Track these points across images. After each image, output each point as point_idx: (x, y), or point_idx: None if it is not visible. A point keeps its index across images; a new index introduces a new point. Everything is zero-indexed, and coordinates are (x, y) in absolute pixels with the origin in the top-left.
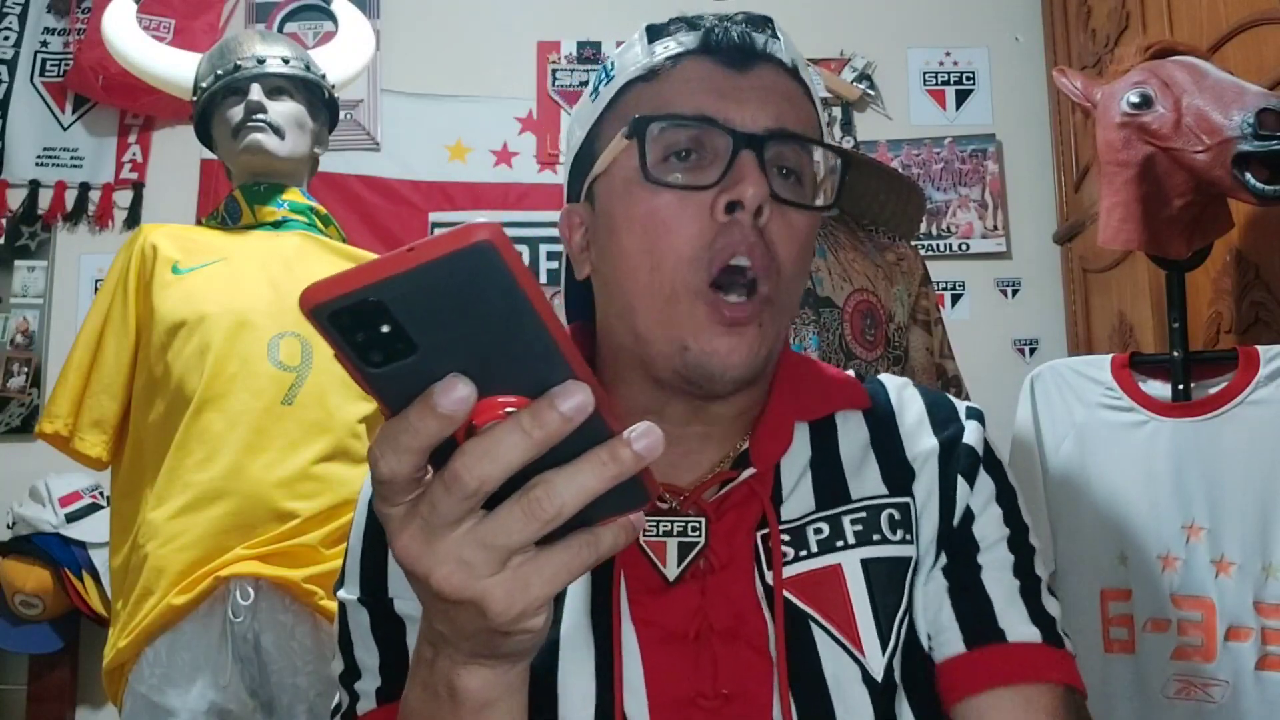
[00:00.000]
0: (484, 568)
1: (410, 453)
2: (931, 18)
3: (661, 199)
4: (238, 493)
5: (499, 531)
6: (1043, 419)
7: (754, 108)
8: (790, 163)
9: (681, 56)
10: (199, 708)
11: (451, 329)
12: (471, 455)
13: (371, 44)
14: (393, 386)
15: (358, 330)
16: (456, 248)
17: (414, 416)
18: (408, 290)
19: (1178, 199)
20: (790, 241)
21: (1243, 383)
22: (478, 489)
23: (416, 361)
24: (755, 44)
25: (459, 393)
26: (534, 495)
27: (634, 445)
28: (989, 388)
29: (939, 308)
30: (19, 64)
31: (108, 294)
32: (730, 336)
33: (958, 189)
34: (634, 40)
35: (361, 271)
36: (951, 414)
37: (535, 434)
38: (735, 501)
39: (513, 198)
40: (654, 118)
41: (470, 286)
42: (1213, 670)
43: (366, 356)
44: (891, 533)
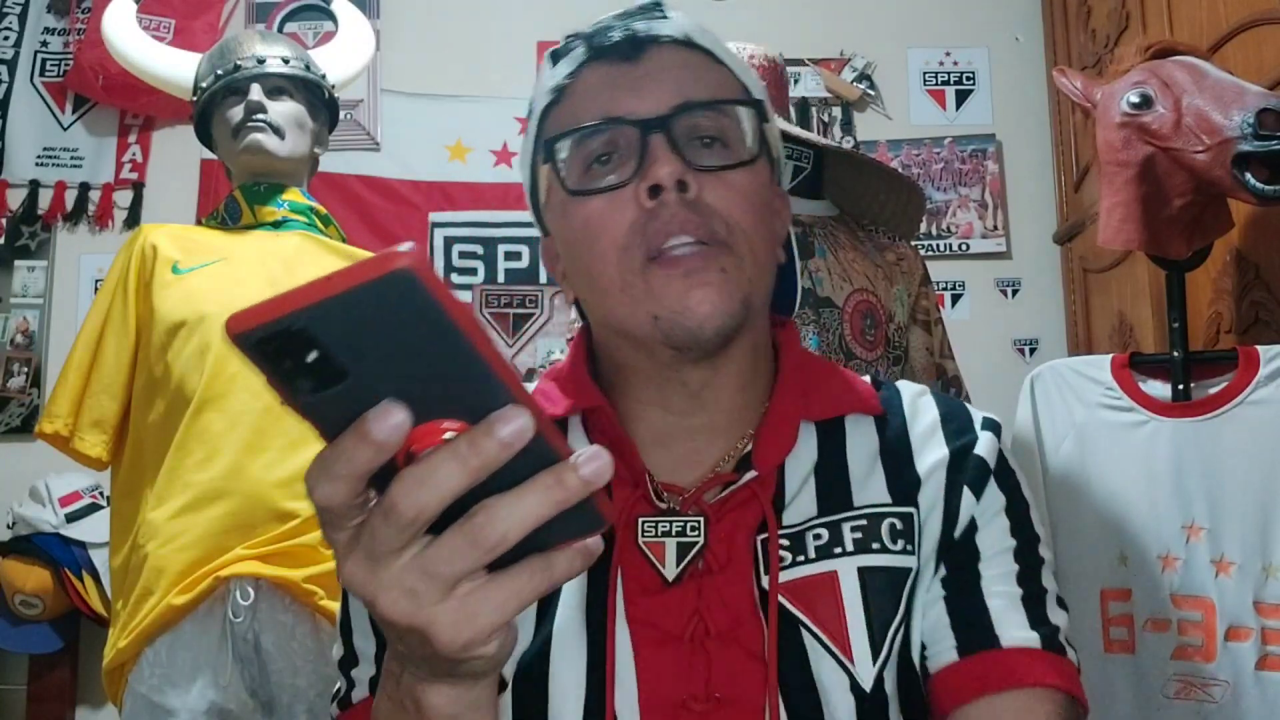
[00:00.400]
0: (429, 596)
1: (344, 480)
2: (931, 18)
3: (591, 206)
4: (238, 493)
5: (441, 560)
6: (1043, 419)
7: (653, 91)
8: (708, 130)
9: (579, 69)
10: (199, 708)
11: (381, 355)
12: (408, 484)
13: (371, 44)
14: (326, 413)
15: (284, 358)
16: (373, 276)
17: (347, 444)
18: (330, 318)
19: (1178, 199)
20: (732, 200)
21: (1243, 383)
22: (415, 518)
23: (348, 388)
24: (639, 32)
25: (392, 419)
26: (476, 522)
27: (581, 470)
28: (989, 388)
29: (939, 308)
30: (19, 64)
31: (108, 294)
32: (693, 289)
33: (958, 189)
34: (543, 68)
35: (283, 299)
36: (966, 424)
37: (472, 462)
38: (736, 503)
39: (513, 198)
40: (559, 135)
41: (394, 314)
42: (1213, 670)
43: (295, 384)
44: (892, 542)
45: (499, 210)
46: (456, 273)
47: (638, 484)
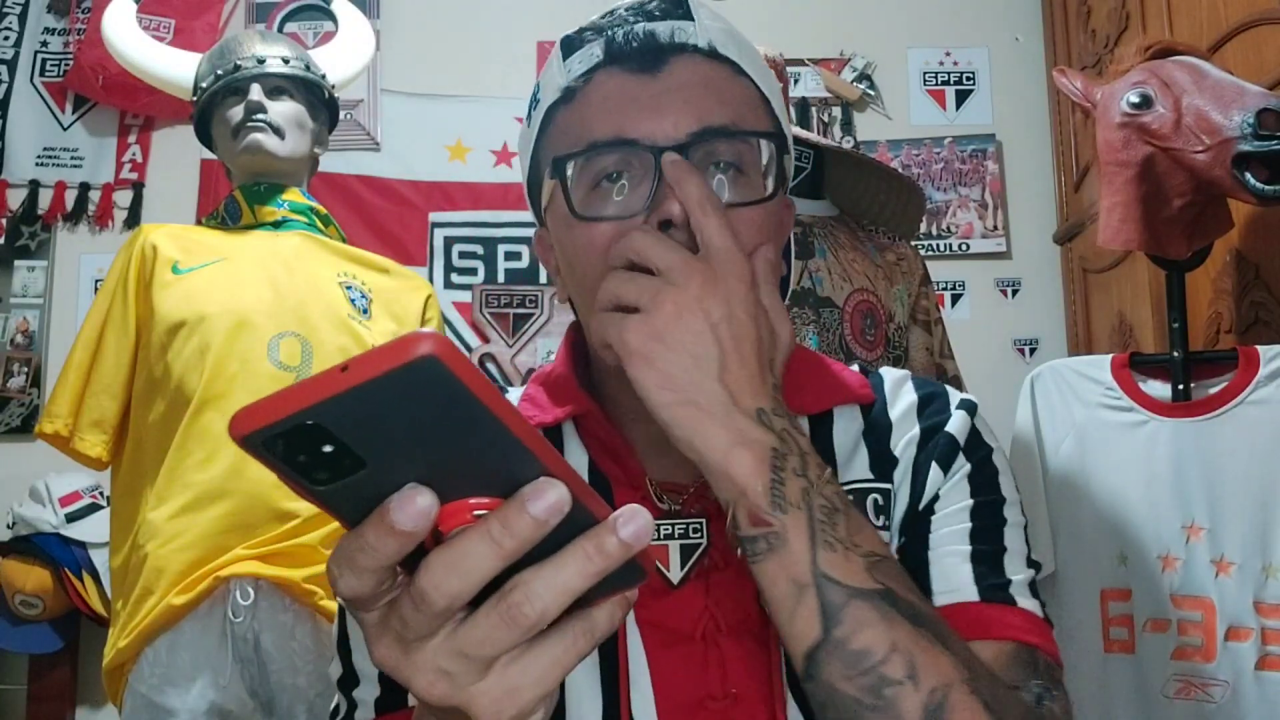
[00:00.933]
0: (465, 677)
1: (370, 573)
2: (931, 18)
3: (597, 230)
4: (238, 493)
5: (476, 641)
6: (1043, 419)
7: (672, 113)
8: (726, 156)
9: (592, 71)
10: (199, 708)
11: (402, 441)
12: (437, 571)
13: (371, 44)
14: (346, 501)
15: (298, 453)
16: (395, 365)
17: (370, 536)
18: (346, 410)
19: (1178, 199)
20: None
21: (1243, 383)
22: (447, 607)
23: (368, 475)
24: (661, 39)
25: (418, 505)
26: (512, 601)
27: (620, 533)
28: (989, 388)
29: (939, 308)
30: (19, 64)
31: (108, 294)
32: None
33: (958, 189)
34: (553, 57)
35: (293, 395)
36: (942, 404)
37: (506, 543)
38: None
39: (513, 198)
40: (570, 155)
41: (416, 400)
42: (1213, 670)
43: (311, 476)
44: (875, 518)
45: (499, 210)
46: (456, 273)
47: (636, 486)
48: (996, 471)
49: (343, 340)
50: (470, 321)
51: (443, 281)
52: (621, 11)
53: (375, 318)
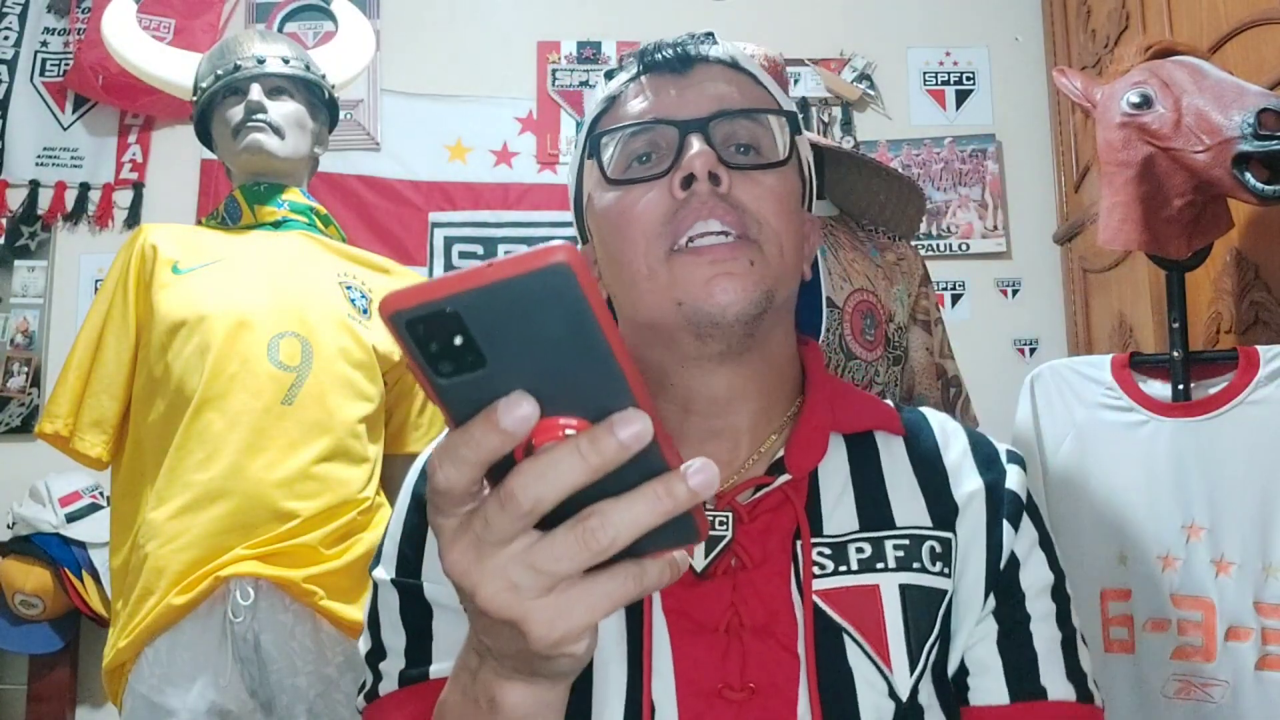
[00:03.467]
0: (530, 590)
1: (469, 465)
2: (931, 18)
3: (626, 196)
4: (238, 493)
5: (550, 557)
6: (1043, 419)
7: (696, 99)
8: (744, 138)
9: (630, 82)
10: (199, 708)
11: (521, 347)
12: (527, 475)
13: (371, 44)
14: (459, 397)
15: (432, 340)
16: (533, 267)
17: (476, 430)
18: (483, 304)
19: (1178, 199)
20: (763, 198)
21: (1243, 383)
22: (532, 509)
23: (484, 375)
24: (690, 51)
25: (522, 410)
26: (589, 525)
27: (689, 480)
28: (989, 388)
29: (939, 308)
30: (19, 64)
31: (108, 294)
32: (718, 278)
33: (958, 189)
34: (597, 87)
35: (441, 283)
36: (994, 455)
37: (592, 459)
38: (769, 506)
39: (513, 198)
40: (605, 131)
41: (543, 306)
42: (1213, 670)
43: (437, 366)
44: (931, 564)
45: (499, 210)
46: None
47: None
48: (1053, 541)
49: (343, 340)
50: None
51: None
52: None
53: (375, 318)
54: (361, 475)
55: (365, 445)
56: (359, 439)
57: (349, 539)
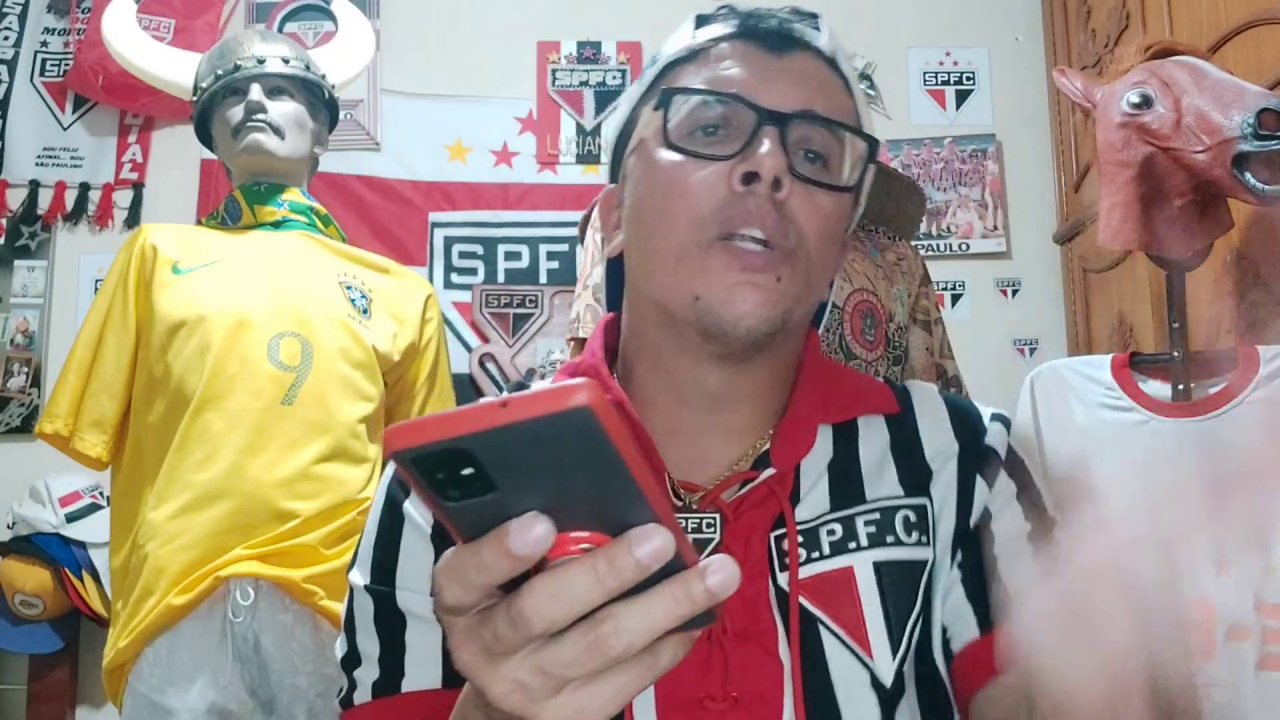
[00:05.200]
0: (540, 692)
1: (477, 589)
2: (931, 18)
3: (680, 165)
4: (238, 493)
5: (561, 662)
6: (1043, 419)
7: (784, 88)
8: (817, 146)
9: (721, 40)
10: (199, 708)
11: (535, 474)
12: (540, 596)
13: (371, 44)
14: (467, 518)
15: (439, 470)
16: (554, 410)
17: (486, 554)
18: (496, 442)
19: (1178, 199)
20: (813, 216)
21: (1243, 383)
22: (543, 630)
23: (495, 498)
24: (794, 31)
25: (535, 533)
26: (602, 632)
27: (708, 581)
28: (989, 388)
29: (939, 308)
30: (19, 64)
31: (108, 294)
32: (743, 286)
33: (958, 189)
34: (682, 28)
35: (452, 420)
36: (976, 418)
37: (609, 582)
38: (753, 502)
39: (513, 198)
40: (681, 90)
41: (562, 443)
42: (1213, 670)
43: (444, 492)
44: (906, 534)
45: (499, 210)
46: (456, 273)
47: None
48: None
49: (343, 340)
50: (470, 321)
51: (443, 281)
52: (759, 8)
53: (375, 318)
54: (361, 475)
55: (365, 445)
56: (359, 439)
57: (349, 539)
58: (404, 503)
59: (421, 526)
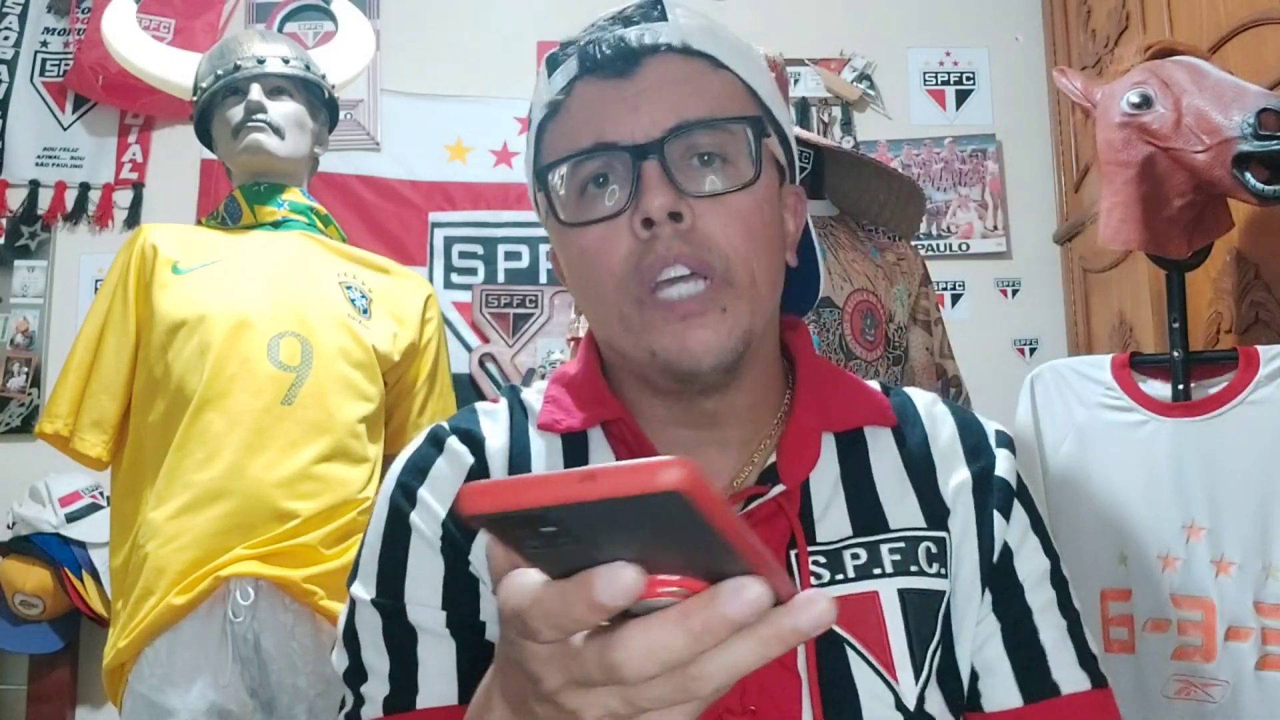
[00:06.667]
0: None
1: (570, 633)
2: (931, 18)
3: (587, 235)
4: (238, 493)
5: (650, 699)
6: (1043, 419)
7: (648, 112)
8: (707, 147)
9: (573, 83)
10: (199, 708)
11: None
12: (635, 653)
13: (371, 44)
14: (550, 560)
15: (518, 528)
16: (645, 490)
17: (577, 608)
18: (579, 513)
19: (1178, 199)
20: (730, 226)
21: (1243, 383)
22: (635, 681)
23: (579, 548)
24: (632, 43)
25: (623, 582)
26: (692, 675)
27: (798, 620)
28: (989, 388)
29: (939, 308)
30: (19, 64)
31: (108, 294)
32: (691, 330)
33: (958, 189)
34: (540, 75)
35: (532, 489)
36: (982, 441)
37: (705, 639)
38: (762, 517)
39: (513, 198)
40: (550, 165)
41: (652, 516)
42: (1213, 670)
43: (524, 544)
44: (928, 565)
45: (499, 210)
46: (456, 273)
47: None
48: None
49: (343, 340)
50: (470, 321)
51: (443, 281)
52: (600, 21)
53: (375, 318)
54: (361, 475)
55: (365, 445)
56: (359, 439)
57: (349, 539)
58: (410, 514)
59: (430, 539)
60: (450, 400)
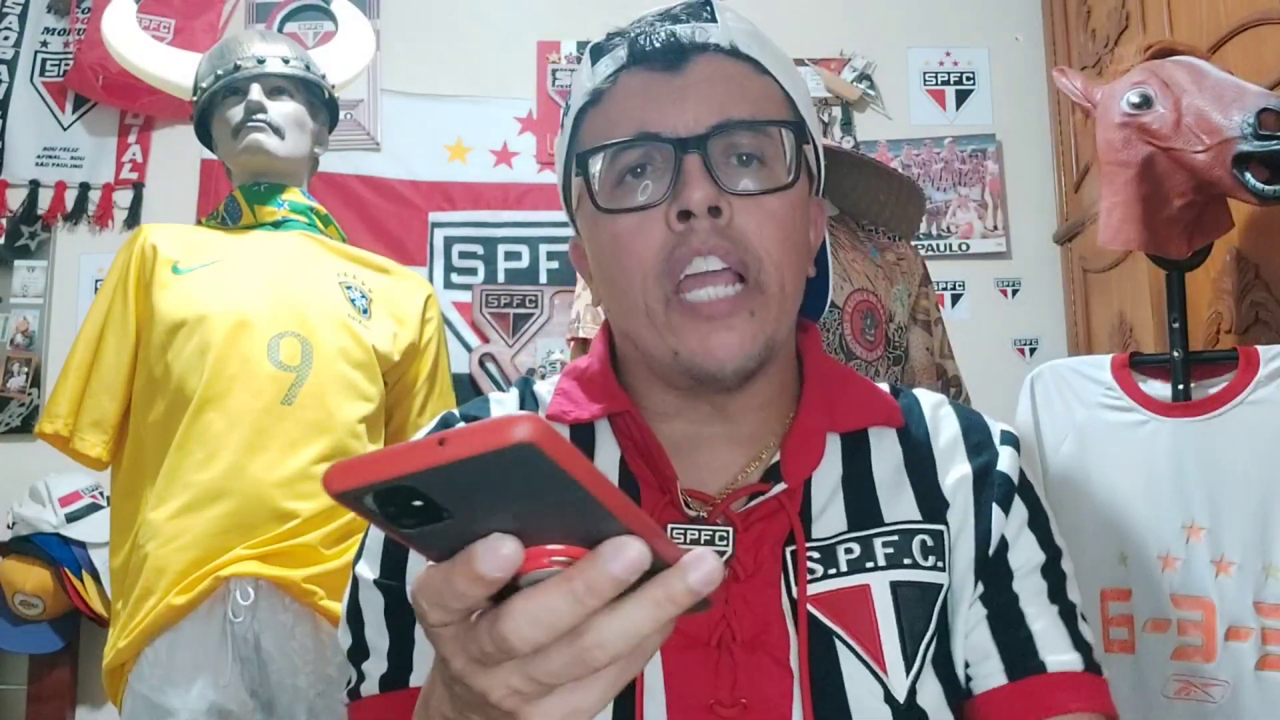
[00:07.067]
0: (534, 695)
1: (455, 611)
2: (931, 18)
3: (621, 223)
4: (238, 492)
5: (549, 673)
6: (1043, 419)
7: (694, 107)
8: (747, 149)
9: (619, 73)
10: (199, 708)
11: (491, 502)
12: (520, 621)
13: (371, 44)
14: (431, 541)
15: (388, 505)
16: (494, 447)
17: (458, 580)
18: (439, 479)
19: (1178, 199)
20: (765, 227)
21: (1243, 383)
22: (527, 651)
23: (454, 523)
24: (683, 39)
25: (502, 553)
26: (585, 644)
27: (688, 579)
28: (989, 388)
29: (939, 308)
30: (19, 64)
31: (108, 294)
32: (716, 332)
33: (958, 189)
34: (583, 64)
35: (389, 461)
36: (986, 439)
37: (589, 601)
38: (763, 514)
39: (513, 198)
40: (592, 150)
41: (511, 475)
42: (1213, 670)
43: (399, 522)
44: (923, 558)
45: (499, 210)
46: (456, 273)
47: (665, 490)
48: (1049, 518)
49: (343, 340)
50: (470, 321)
51: (443, 281)
52: (648, 16)
53: (375, 318)
54: None
55: (365, 445)
56: (359, 439)
57: (349, 539)
58: None
59: None
60: (450, 400)
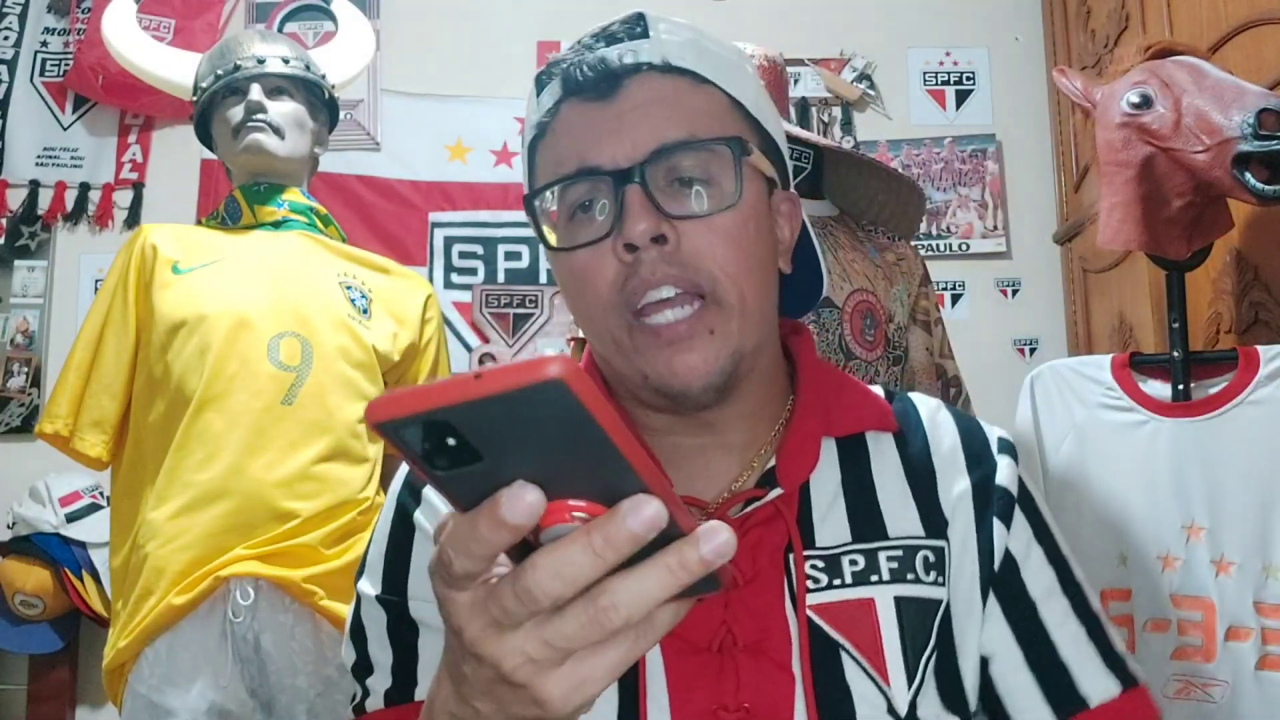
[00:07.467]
0: (547, 664)
1: (480, 559)
2: (931, 18)
3: (576, 259)
4: (238, 493)
5: (564, 635)
6: (1043, 419)
7: (630, 134)
8: (688, 170)
9: (559, 105)
10: (199, 708)
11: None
12: (543, 573)
13: (371, 44)
14: (460, 487)
15: (423, 441)
16: (526, 383)
17: (483, 525)
18: (473, 415)
19: (1178, 199)
20: (716, 245)
21: (1243, 383)
22: (550, 605)
23: (484, 467)
24: (612, 65)
25: (526, 500)
26: (601, 605)
27: (701, 549)
28: (989, 388)
29: (939, 308)
30: (19, 64)
31: (108, 294)
32: (678, 355)
33: (958, 189)
34: (530, 95)
35: (427, 394)
36: (984, 449)
37: (608, 555)
38: (760, 519)
39: (513, 198)
40: (535, 193)
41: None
42: (1213, 670)
43: (432, 461)
44: (925, 574)
45: (499, 210)
46: (456, 273)
47: None
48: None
49: (343, 340)
50: (470, 321)
51: (443, 281)
52: (585, 39)
53: (375, 317)
54: (361, 475)
55: (365, 445)
56: (359, 439)
57: (349, 539)
58: (415, 512)
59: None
60: None
